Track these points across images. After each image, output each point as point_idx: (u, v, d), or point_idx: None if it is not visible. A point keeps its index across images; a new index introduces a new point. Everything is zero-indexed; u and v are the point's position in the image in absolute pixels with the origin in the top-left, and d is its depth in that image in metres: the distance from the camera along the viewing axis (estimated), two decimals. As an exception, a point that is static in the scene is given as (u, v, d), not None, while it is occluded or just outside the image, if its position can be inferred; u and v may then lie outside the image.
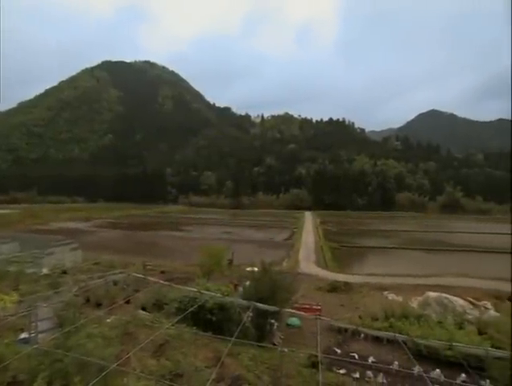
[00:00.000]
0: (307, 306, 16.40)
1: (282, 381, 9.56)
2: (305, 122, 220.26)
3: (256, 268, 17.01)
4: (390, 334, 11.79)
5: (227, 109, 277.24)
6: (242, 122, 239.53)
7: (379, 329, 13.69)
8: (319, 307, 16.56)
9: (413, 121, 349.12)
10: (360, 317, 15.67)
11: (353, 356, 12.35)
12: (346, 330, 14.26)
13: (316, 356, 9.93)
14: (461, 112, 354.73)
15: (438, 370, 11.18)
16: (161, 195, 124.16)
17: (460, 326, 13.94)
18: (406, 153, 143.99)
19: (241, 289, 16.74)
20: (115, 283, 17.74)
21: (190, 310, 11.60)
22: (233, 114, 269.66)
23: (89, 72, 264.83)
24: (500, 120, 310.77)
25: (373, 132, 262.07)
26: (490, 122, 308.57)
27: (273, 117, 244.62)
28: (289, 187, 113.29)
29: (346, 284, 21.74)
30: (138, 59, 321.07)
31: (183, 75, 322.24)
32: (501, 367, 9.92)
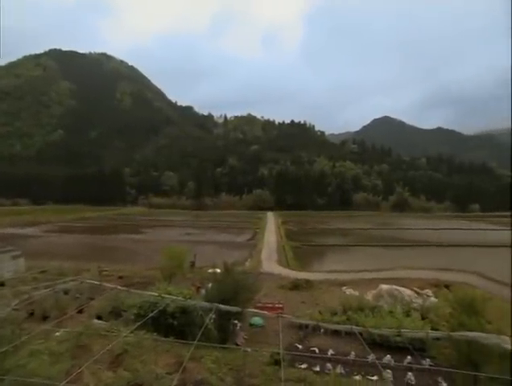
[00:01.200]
0: (270, 305, 16.69)
1: (245, 381, 9.62)
2: (268, 124, 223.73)
3: (218, 270, 16.91)
4: (347, 327, 12.43)
5: (189, 108, 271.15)
6: (205, 122, 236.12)
7: (338, 322, 14.41)
8: (281, 305, 16.94)
9: (368, 125, 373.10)
10: (320, 312, 16.36)
11: (314, 351, 12.86)
12: (307, 326, 14.78)
13: (279, 354, 10.16)
14: (409, 120, 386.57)
15: (389, 355, 12.14)
16: (119, 196, 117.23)
17: (407, 314, 15.27)
18: (362, 156, 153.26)
19: (203, 291, 16.51)
20: (66, 292, 16.37)
21: (150, 315, 11.14)
22: (196, 114, 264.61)
23: (34, 60, 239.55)
24: (439, 128, 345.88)
25: (332, 135, 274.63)
26: (431, 130, 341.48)
27: (236, 117, 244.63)
28: (252, 188, 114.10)
29: (307, 281, 22.50)
30: (93, 51, 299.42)
31: (145, 71, 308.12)
32: (438, 346, 11.12)
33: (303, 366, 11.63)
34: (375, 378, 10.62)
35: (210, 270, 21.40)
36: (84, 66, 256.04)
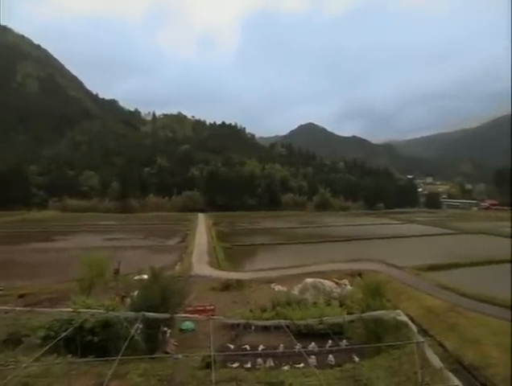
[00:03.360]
0: (201, 308, 16.45)
1: (175, 389, 9.28)
2: (199, 124, 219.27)
3: (146, 276, 15.88)
4: (275, 322, 13.12)
5: (113, 102, 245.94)
6: (131, 118, 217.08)
7: (267, 318, 15.05)
8: (212, 307, 16.85)
9: (295, 130, 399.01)
10: (251, 310, 16.81)
11: (245, 348, 13.16)
12: (238, 325, 15.04)
13: (210, 356, 10.10)
14: (330, 128, 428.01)
15: (313, 343, 13.23)
16: (22, 198, 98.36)
17: (328, 303, 16.92)
18: (289, 159, 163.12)
19: (128, 300, 15.29)
20: None
21: (63, 335, 9.79)
22: (121, 108, 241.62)
23: None
24: (354, 136, 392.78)
25: (261, 138, 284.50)
26: (348, 137, 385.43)
27: (165, 115, 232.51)
28: (182, 189, 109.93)
29: (238, 281, 22.86)
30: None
31: (58, 54, 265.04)
32: (353, 328, 12.74)
33: (235, 365, 11.80)
34: (301, 365, 11.46)
35: (136, 277, 19.96)
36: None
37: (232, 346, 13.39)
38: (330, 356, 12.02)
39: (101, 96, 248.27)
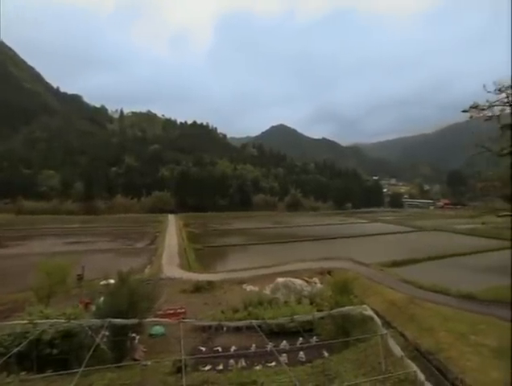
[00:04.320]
0: (172, 311, 16.07)
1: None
2: (169, 123, 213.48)
3: (112, 281, 15.16)
4: (247, 322, 13.16)
5: (77, 98, 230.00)
6: (97, 115, 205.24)
7: (239, 319, 15.05)
8: (183, 310, 16.52)
9: (266, 131, 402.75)
10: (222, 311, 16.71)
11: (217, 350, 13.07)
12: (210, 327, 14.89)
13: (181, 360, 9.91)
14: (301, 129, 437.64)
15: (284, 341, 13.46)
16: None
17: (299, 302, 17.30)
18: (261, 160, 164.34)
19: (93, 307, 14.53)
20: None
21: (15, 350, 9.02)
22: (85, 104, 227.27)
23: None
24: (324, 138, 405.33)
25: (233, 138, 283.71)
26: (318, 139, 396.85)
27: (134, 113, 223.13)
28: (151, 190, 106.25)
29: (210, 283, 22.64)
30: None
31: (10, 41, 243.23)
32: (322, 324, 13.18)
33: (207, 367, 11.68)
34: (273, 364, 11.61)
35: (103, 282, 18.96)
36: None
37: (204, 349, 13.23)
38: (301, 353, 12.31)
39: (62, 90, 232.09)
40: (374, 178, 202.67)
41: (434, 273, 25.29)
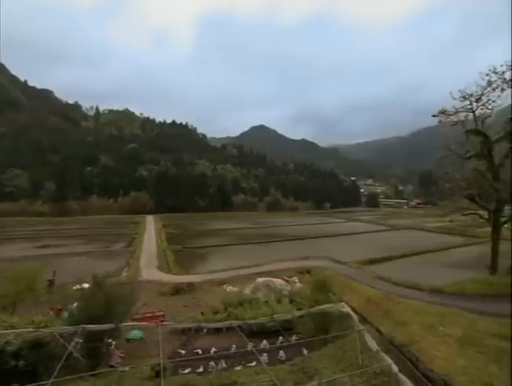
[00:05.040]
0: (150, 314, 15.73)
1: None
2: (148, 121, 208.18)
3: (87, 285, 14.58)
4: (226, 323, 13.12)
5: (47, 92, 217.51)
6: (70, 112, 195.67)
7: (219, 320, 14.97)
8: (162, 313, 16.22)
9: (246, 132, 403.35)
10: (202, 313, 16.56)
11: (197, 352, 12.92)
12: (190, 329, 14.70)
13: (159, 364, 9.72)
14: (281, 130, 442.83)
15: (265, 341, 13.54)
16: None
17: (279, 301, 17.46)
18: (241, 160, 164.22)
19: (66, 313, 13.90)
20: None
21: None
22: (56, 100, 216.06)
23: None
24: (303, 139, 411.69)
25: (213, 138, 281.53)
26: (297, 140, 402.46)
27: (111, 111, 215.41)
28: (129, 190, 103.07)
29: (189, 284, 22.36)
30: None
31: None
32: (302, 323, 13.41)
33: (187, 371, 11.52)
34: (254, 364, 11.65)
35: (76, 287, 18.20)
36: None
37: (183, 352, 13.03)
38: (281, 352, 12.43)
39: (31, 84, 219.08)
40: (352, 178, 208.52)
41: (407, 270, 26.46)
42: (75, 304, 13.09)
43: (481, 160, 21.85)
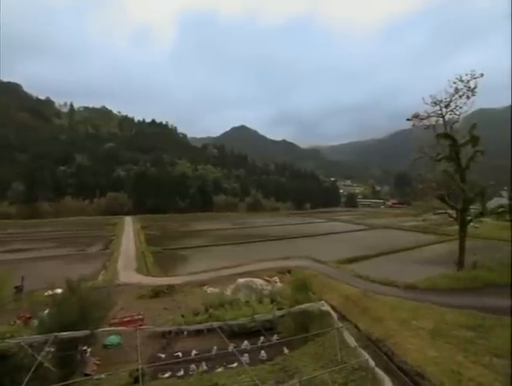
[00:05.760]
0: (128, 319, 15.32)
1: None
2: (126, 120, 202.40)
3: (60, 290, 13.95)
4: (207, 325, 13.02)
5: (15, 86, 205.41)
6: (41, 108, 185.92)
7: (200, 322, 14.81)
8: (141, 317, 15.84)
9: (227, 132, 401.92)
10: (182, 315, 16.32)
11: (178, 355, 12.73)
12: (170, 332, 14.45)
13: (138, 370, 9.49)
14: (262, 131, 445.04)
15: (246, 341, 13.56)
16: None
17: (260, 301, 17.53)
18: (222, 160, 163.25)
19: (35, 321, 13.23)
20: None
21: None
22: (26, 95, 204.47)
23: None
24: (283, 140, 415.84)
25: (193, 138, 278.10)
26: (278, 141, 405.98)
27: (86, 108, 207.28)
28: (106, 191, 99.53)
29: (169, 286, 21.96)
30: None
31: None
32: (283, 322, 13.55)
33: (167, 375, 11.33)
34: (235, 365, 11.64)
35: (48, 292, 17.34)
36: None
37: (163, 356, 12.80)
38: (262, 352, 12.50)
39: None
40: (331, 179, 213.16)
41: (384, 268, 27.40)
42: (46, 311, 12.50)
43: (450, 162, 23.16)
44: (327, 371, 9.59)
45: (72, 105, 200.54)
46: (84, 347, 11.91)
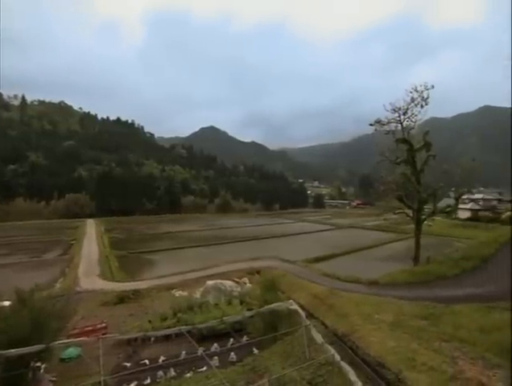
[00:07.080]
0: (90, 328, 14.47)
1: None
2: (88, 117, 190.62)
3: (7, 302, 12.76)
4: (175, 329, 12.73)
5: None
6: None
7: (168, 326, 14.42)
8: (104, 325, 15.05)
9: (196, 133, 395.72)
10: (149, 321, 15.76)
11: (144, 363, 12.27)
12: (136, 339, 13.90)
13: (100, 382, 9.01)
14: (231, 132, 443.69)
15: (215, 344, 13.44)
16: None
17: (230, 303, 17.48)
18: (190, 161, 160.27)
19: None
20: None
21: None
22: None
23: None
24: (253, 142, 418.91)
25: (161, 138, 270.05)
26: (247, 143, 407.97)
27: (42, 102, 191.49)
28: (65, 192, 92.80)
29: (135, 291, 21.12)
30: None
31: None
32: (252, 323, 13.65)
33: (133, 385, 10.87)
34: (204, 368, 11.48)
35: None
36: None
37: (128, 365, 12.26)
38: (232, 354, 12.46)
39: None
40: (299, 180, 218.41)
41: (349, 266, 28.67)
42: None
43: (407, 165, 24.98)
44: (295, 369, 9.82)
45: (23, 98, 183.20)
46: (38, 364, 11.01)
